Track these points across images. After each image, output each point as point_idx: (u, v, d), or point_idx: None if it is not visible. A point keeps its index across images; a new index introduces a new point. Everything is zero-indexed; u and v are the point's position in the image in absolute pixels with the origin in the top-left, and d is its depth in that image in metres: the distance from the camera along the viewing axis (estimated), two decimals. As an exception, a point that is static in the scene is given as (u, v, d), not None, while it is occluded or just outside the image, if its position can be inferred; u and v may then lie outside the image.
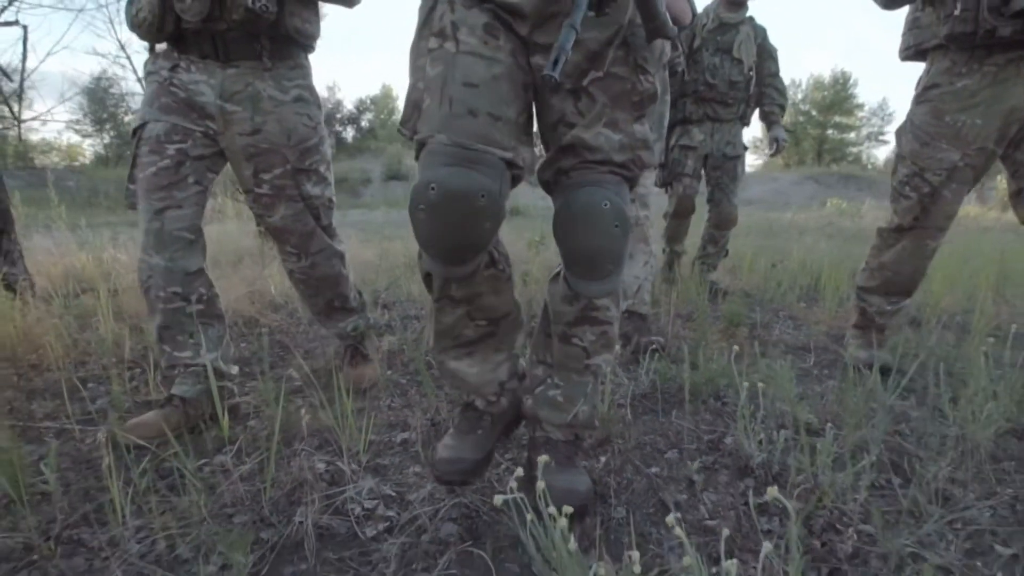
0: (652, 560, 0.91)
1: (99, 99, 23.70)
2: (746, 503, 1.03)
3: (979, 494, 1.03)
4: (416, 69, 0.97)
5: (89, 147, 25.94)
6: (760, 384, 1.20)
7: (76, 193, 14.94)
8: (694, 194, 2.98)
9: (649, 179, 2.16)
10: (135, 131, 1.39)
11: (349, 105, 36.70)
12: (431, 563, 0.92)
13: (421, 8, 0.98)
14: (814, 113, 36.66)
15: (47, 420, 1.41)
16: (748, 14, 2.92)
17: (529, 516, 0.76)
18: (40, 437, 1.35)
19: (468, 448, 1.05)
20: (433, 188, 0.84)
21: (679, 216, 3.04)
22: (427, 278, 1.01)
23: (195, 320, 1.40)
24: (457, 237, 0.88)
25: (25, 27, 3.20)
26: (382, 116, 38.34)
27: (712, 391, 1.53)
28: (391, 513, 1.05)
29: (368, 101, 37.61)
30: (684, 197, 2.96)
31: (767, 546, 0.59)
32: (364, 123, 36.97)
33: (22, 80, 2.97)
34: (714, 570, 0.83)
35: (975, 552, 0.89)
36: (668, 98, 2.31)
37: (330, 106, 33.36)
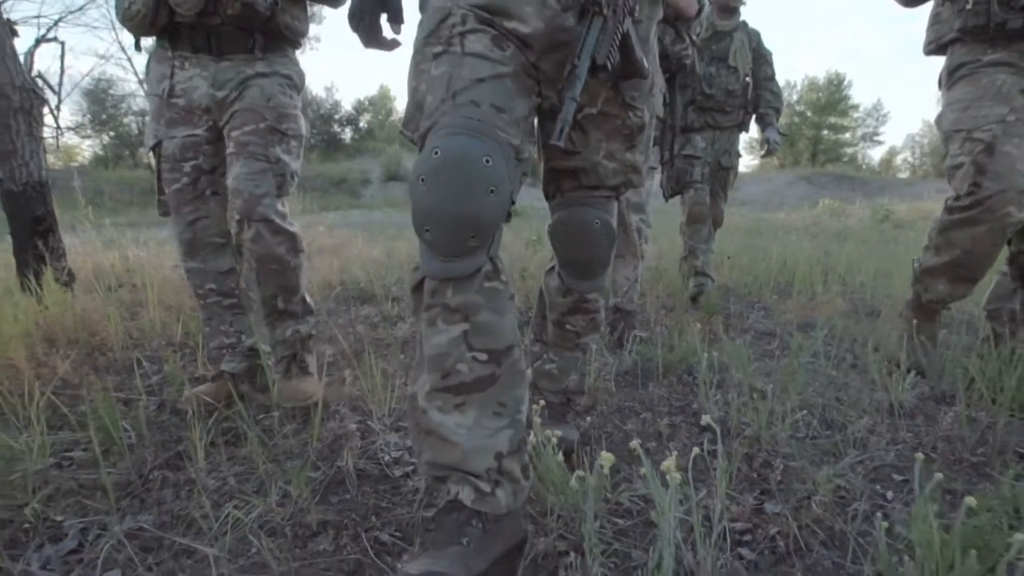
0: (621, 481, 1.15)
1: (99, 100, 23.85)
2: (701, 447, 1.27)
3: (889, 441, 1.27)
4: (419, 72, 0.94)
5: (87, 148, 26.10)
6: (717, 356, 1.44)
7: (82, 194, 15.19)
8: (705, 199, 2.98)
9: (645, 186, 2.30)
10: (153, 148, 1.49)
11: (347, 106, 36.79)
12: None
13: (427, 20, 0.96)
14: (809, 114, 36.96)
15: (116, 391, 1.64)
16: (741, 19, 2.96)
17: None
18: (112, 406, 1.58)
19: (445, 563, 0.74)
20: (437, 152, 0.81)
21: (694, 222, 3.00)
22: (416, 291, 0.89)
23: (232, 311, 1.58)
24: (458, 206, 0.80)
25: (63, 43, 3.43)
26: (380, 117, 38.49)
27: (685, 368, 1.77)
28: (414, 460, 1.29)
29: (366, 102, 37.75)
30: (696, 203, 2.96)
31: (696, 450, 0.82)
32: (362, 124, 37.11)
33: (59, 92, 3.14)
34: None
35: (876, 479, 1.13)
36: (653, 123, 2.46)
37: (328, 106, 33.50)
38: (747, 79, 2.95)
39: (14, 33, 2.44)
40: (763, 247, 4.54)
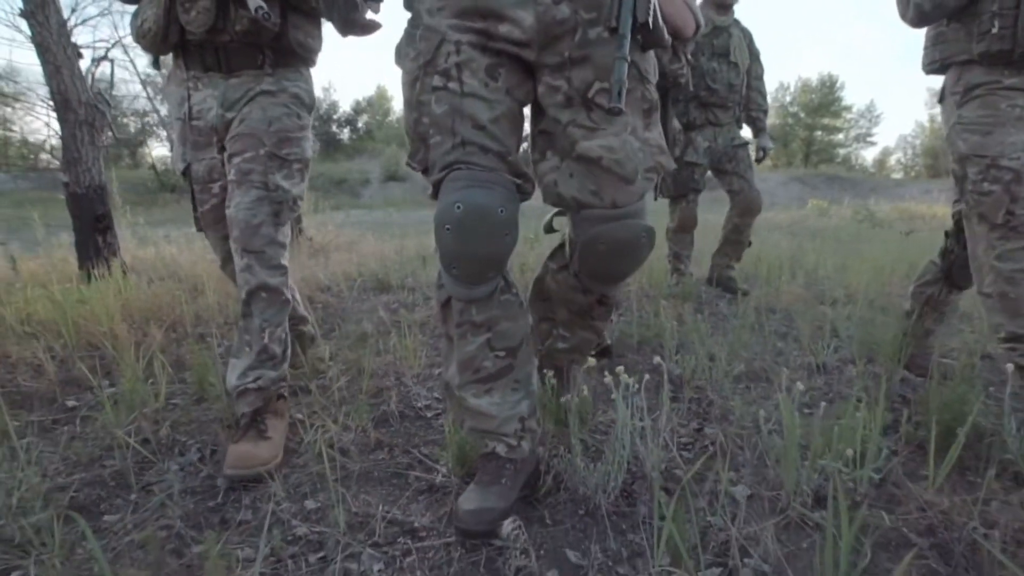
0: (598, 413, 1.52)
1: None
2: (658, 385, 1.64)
3: (806, 389, 1.65)
4: (419, 104, 1.01)
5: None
6: (683, 331, 1.81)
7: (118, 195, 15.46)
8: (696, 207, 3.11)
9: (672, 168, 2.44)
10: (184, 171, 1.51)
11: (345, 106, 37.01)
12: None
13: (422, 42, 1.01)
14: (802, 115, 37.44)
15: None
16: (734, 16, 2.99)
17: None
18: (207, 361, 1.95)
19: (493, 498, 1.00)
20: (459, 207, 0.94)
21: (684, 230, 3.15)
22: (445, 307, 1.08)
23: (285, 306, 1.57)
24: (480, 249, 0.97)
25: (112, 61, 3.79)
26: (378, 117, 38.75)
27: (658, 341, 2.14)
28: (441, 406, 1.65)
29: (364, 103, 37.99)
30: (688, 213, 3.08)
31: (647, 376, 1.19)
32: (360, 124, 37.35)
33: (109, 107, 3.41)
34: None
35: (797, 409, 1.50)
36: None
37: (326, 106, 33.78)
38: (744, 75, 2.98)
39: (79, 56, 2.79)
40: (743, 244, 4.91)
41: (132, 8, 1.47)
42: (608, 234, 1.04)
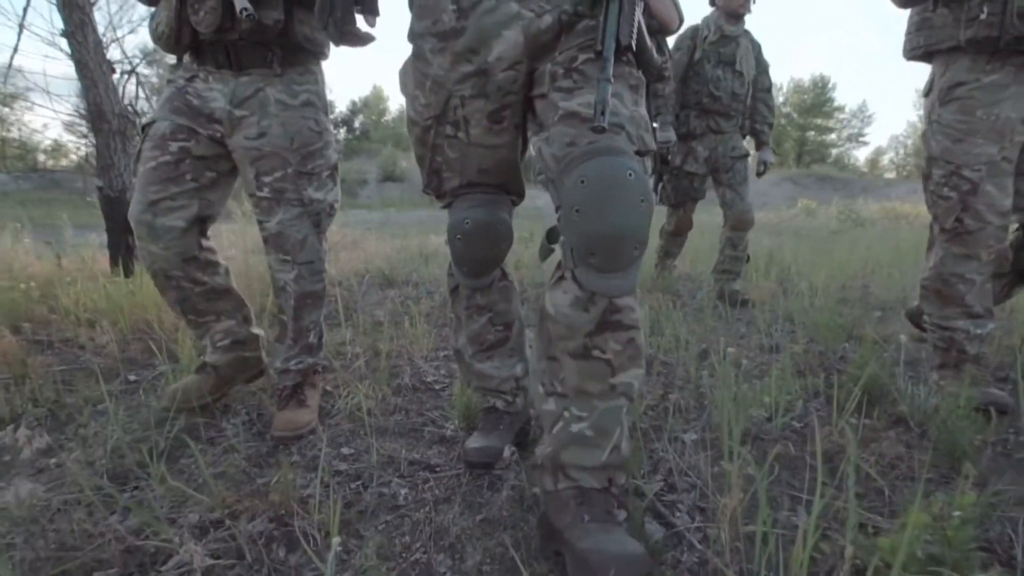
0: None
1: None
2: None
3: (758, 364, 1.94)
4: (435, 147, 1.16)
5: (73, 147, 26.64)
6: (658, 317, 2.10)
7: (87, 194, 15.72)
8: (692, 212, 3.27)
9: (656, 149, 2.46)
10: (144, 128, 1.47)
11: (341, 107, 37.12)
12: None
13: (429, 97, 1.10)
14: (795, 116, 37.85)
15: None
16: (745, 27, 3.03)
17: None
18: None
19: (493, 440, 1.29)
20: (467, 222, 1.18)
21: (679, 234, 3.34)
22: (454, 293, 1.33)
23: (206, 297, 1.54)
24: (484, 254, 1.22)
25: (138, 74, 4.04)
26: (373, 118, 38.93)
27: (637, 327, 2.43)
28: (448, 380, 1.93)
29: (360, 103, 38.13)
30: (685, 218, 3.25)
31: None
32: (357, 124, 37.50)
33: (139, 117, 3.61)
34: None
35: (746, 378, 1.79)
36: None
37: (322, 107, 33.88)
38: (749, 86, 3.02)
39: (112, 71, 3.05)
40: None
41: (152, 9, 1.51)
42: (588, 170, 0.85)
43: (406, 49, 1.15)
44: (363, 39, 1.13)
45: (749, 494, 0.99)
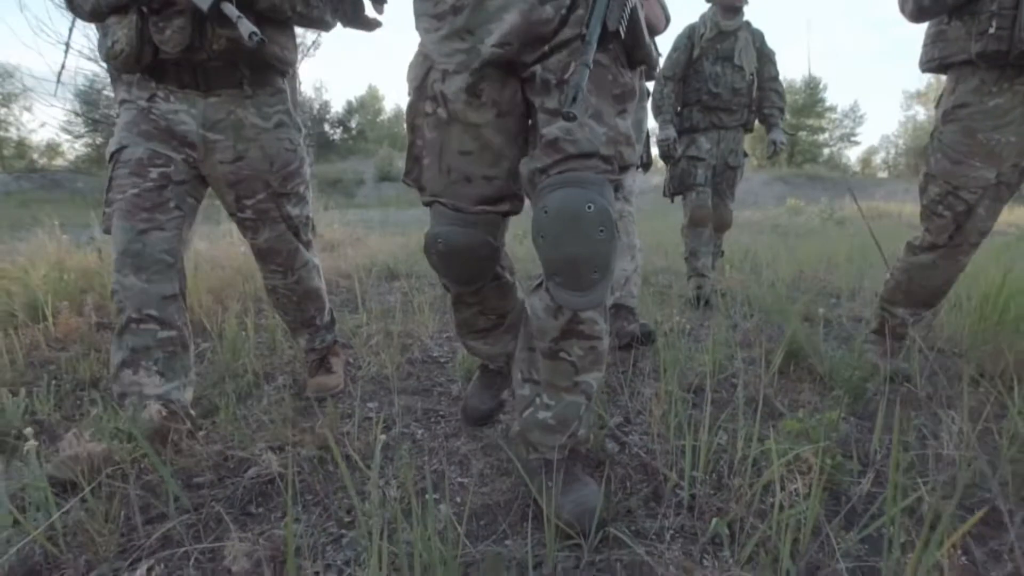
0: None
1: (93, 101, 24.48)
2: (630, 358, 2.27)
3: (723, 342, 2.28)
4: (415, 127, 1.10)
5: (68, 146, 26.94)
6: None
7: (87, 194, 15.98)
8: (707, 202, 3.06)
9: (629, 177, 2.21)
10: (112, 155, 1.39)
11: (337, 107, 37.28)
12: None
13: (414, 72, 1.10)
14: (787, 116, 38.25)
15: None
16: (744, 19, 2.99)
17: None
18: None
19: (487, 399, 1.50)
20: (440, 242, 1.10)
21: (695, 225, 3.07)
22: (445, 285, 1.29)
23: (164, 347, 1.36)
24: (464, 274, 1.17)
25: None
26: (369, 117, 39.15)
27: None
28: (451, 355, 2.26)
29: (356, 103, 38.34)
30: (698, 207, 3.04)
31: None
32: (353, 124, 37.72)
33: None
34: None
35: (723, 356, 2.13)
36: (647, 104, 2.32)
37: (317, 106, 34.17)
38: (751, 78, 2.98)
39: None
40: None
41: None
42: (551, 203, 0.91)
43: (404, 49, 1.49)
44: (370, 24, 1.07)
45: (678, 417, 1.33)
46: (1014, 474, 1.15)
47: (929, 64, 1.63)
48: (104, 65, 1.63)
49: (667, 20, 1.46)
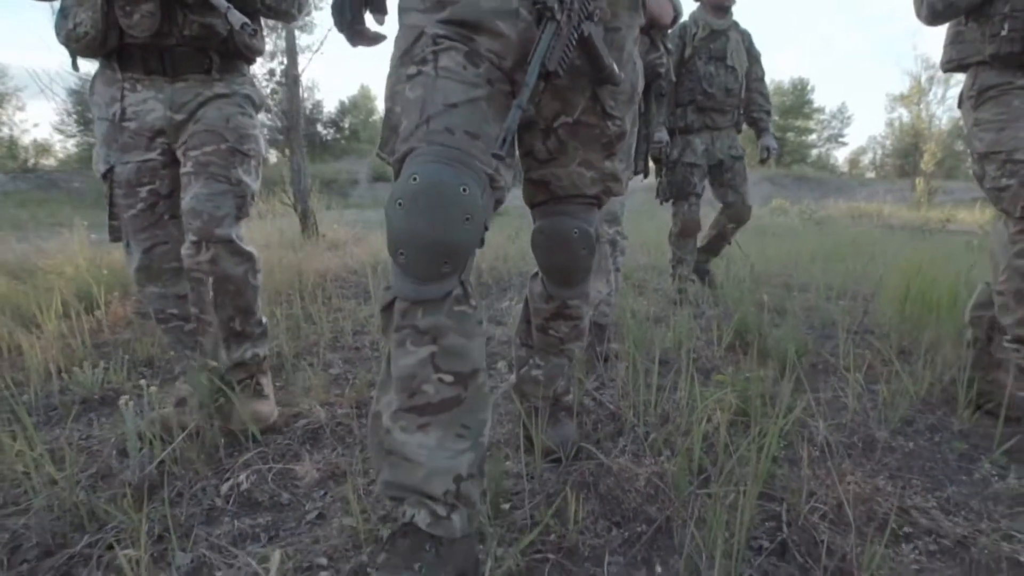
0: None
1: (86, 100, 24.54)
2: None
3: (703, 330, 2.63)
4: (394, 95, 0.96)
5: (59, 145, 27.10)
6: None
7: (86, 194, 16.10)
8: (698, 212, 3.10)
9: (616, 202, 2.19)
10: (105, 174, 1.43)
11: (330, 107, 37.47)
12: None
13: (401, 39, 0.98)
14: (775, 117, 38.82)
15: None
16: (732, 19, 3.01)
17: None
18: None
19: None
20: (415, 178, 0.82)
21: (686, 235, 3.15)
22: (386, 311, 0.90)
23: (194, 335, 1.55)
24: (434, 232, 0.82)
25: None
26: (361, 117, 39.33)
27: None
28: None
29: (349, 103, 38.52)
30: (690, 217, 3.10)
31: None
32: (345, 125, 37.90)
33: None
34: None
35: (706, 343, 2.48)
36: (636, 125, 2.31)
37: (310, 107, 34.31)
38: (743, 79, 2.99)
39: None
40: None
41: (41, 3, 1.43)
42: (545, 226, 1.17)
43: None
44: (373, 40, 1.09)
45: (639, 379, 1.67)
46: (890, 412, 1.51)
47: (949, 64, 1.64)
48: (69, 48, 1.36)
49: (677, 14, 1.42)
